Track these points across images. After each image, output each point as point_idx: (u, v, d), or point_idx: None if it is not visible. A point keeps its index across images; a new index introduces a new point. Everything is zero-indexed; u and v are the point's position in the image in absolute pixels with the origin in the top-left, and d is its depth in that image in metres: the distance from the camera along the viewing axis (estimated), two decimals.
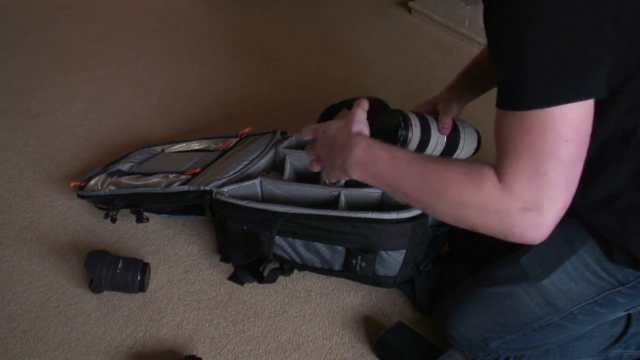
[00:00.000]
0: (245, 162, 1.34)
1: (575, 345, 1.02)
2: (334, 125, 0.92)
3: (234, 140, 1.53)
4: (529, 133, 0.67)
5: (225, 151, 1.48)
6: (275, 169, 1.42)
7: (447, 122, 1.06)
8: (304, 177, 1.38)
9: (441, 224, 1.19)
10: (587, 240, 0.88)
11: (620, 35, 0.68)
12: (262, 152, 1.39)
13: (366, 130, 0.90)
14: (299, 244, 1.19)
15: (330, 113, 1.16)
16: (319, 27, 2.37)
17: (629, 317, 1.02)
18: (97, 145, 1.70)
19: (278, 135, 1.45)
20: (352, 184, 1.23)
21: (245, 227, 1.20)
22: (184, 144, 1.58)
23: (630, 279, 0.87)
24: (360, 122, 0.90)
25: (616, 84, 0.72)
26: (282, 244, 1.20)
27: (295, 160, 1.38)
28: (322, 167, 0.95)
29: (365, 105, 0.93)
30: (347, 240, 1.14)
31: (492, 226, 0.72)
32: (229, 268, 1.31)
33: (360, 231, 1.12)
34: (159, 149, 1.59)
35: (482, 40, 2.11)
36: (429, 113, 1.09)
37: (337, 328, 1.19)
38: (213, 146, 1.54)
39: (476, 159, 1.12)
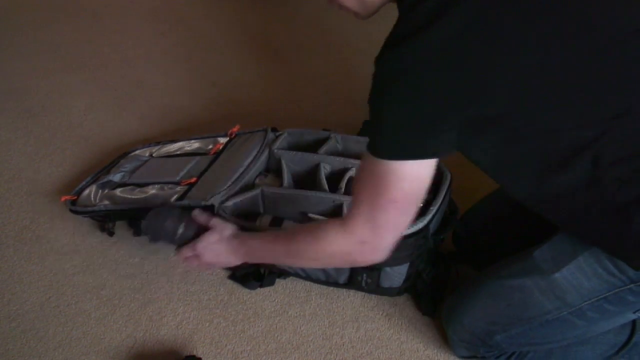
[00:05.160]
0: (242, 169, 1.33)
1: (579, 350, 1.02)
2: (211, 239, 1.10)
3: (224, 141, 1.51)
4: (368, 186, 0.84)
5: (217, 154, 1.46)
6: (271, 169, 1.42)
7: None
8: (302, 180, 1.38)
9: (441, 232, 1.19)
10: None
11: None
12: (256, 155, 1.38)
13: (227, 230, 1.10)
14: None
15: None
16: (318, 26, 2.37)
17: (633, 327, 1.02)
18: (97, 145, 1.70)
19: (270, 134, 1.45)
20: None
21: None
22: (172, 146, 1.55)
23: None
24: (225, 228, 1.11)
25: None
26: None
27: (291, 163, 1.37)
28: (214, 266, 1.22)
29: (200, 217, 1.14)
30: None
31: (343, 259, 0.95)
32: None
33: None
34: (147, 153, 1.56)
35: None
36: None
37: (337, 328, 1.19)
38: (204, 148, 1.52)
39: None
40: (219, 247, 1.09)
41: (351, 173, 1.30)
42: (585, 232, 0.86)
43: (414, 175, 0.82)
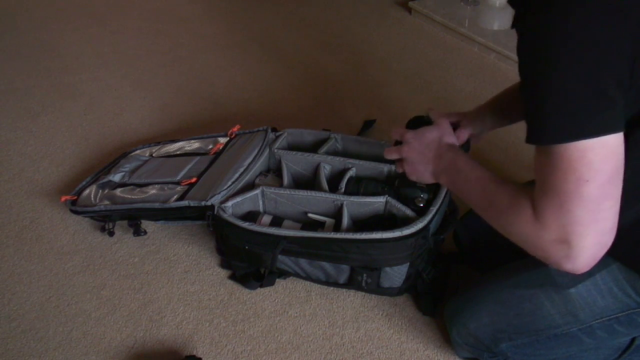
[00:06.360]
0: (242, 169, 1.33)
1: (582, 355, 1.02)
2: (429, 134, 1.01)
3: (224, 141, 1.51)
4: (554, 172, 0.71)
5: (217, 154, 1.46)
6: (271, 169, 1.42)
7: (462, 136, 1.13)
8: (302, 180, 1.38)
9: (441, 232, 1.19)
10: None
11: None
12: (256, 155, 1.37)
13: (455, 140, 1.00)
14: (302, 261, 1.19)
15: (417, 123, 1.16)
16: (319, 27, 2.37)
17: None
18: (97, 145, 1.70)
19: (270, 134, 1.45)
20: (354, 192, 1.24)
21: (247, 247, 1.20)
22: (172, 146, 1.55)
23: None
24: (450, 134, 1.01)
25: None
26: (286, 261, 1.20)
27: (291, 163, 1.37)
28: (409, 168, 1.04)
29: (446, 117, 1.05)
30: (352, 260, 1.14)
31: (532, 251, 0.78)
32: None
33: (364, 251, 1.12)
34: (147, 153, 1.56)
35: (482, 40, 2.11)
36: (454, 123, 1.12)
37: (337, 328, 1.19)
38: (204, 148, 1.51)
39: None
40: (442, 147, 0.98)
41: (351, 173, 1.30)
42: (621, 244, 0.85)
43: (601, 146, 0.69)
